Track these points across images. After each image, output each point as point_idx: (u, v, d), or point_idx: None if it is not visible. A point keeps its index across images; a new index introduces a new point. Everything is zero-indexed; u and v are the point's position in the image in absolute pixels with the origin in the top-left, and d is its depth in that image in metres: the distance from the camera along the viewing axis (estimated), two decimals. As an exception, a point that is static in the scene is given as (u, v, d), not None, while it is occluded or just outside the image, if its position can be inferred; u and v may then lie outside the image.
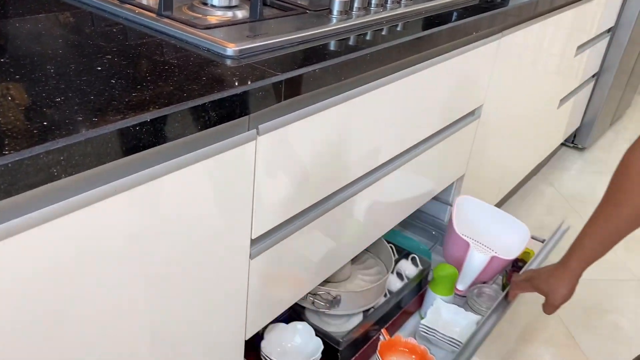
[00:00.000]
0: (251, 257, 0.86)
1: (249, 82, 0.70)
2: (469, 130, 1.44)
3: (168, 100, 0.62)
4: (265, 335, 1.11)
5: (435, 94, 1.19)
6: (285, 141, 0.83)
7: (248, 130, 0.76)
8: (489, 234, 1.49)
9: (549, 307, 1.05)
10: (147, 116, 0.58)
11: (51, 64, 0.68)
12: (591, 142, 2.82)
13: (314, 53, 0.83)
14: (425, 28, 1.03)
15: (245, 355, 0.97)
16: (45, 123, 0.54)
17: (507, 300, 1.20)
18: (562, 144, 2.83)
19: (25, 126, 0.53)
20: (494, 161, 1.75)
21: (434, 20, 1.09)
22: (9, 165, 0.48)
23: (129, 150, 0.58)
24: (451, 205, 1.61)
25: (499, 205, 2.21)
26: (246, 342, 0.96)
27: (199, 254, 0.76)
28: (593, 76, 2.56)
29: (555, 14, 1.69)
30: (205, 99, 0.64)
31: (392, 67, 1.02)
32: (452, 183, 1.56)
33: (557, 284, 1.01)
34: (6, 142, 0.50)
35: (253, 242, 0.86)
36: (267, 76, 0.72)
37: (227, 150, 0.73)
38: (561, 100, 2.17)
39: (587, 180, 2.58)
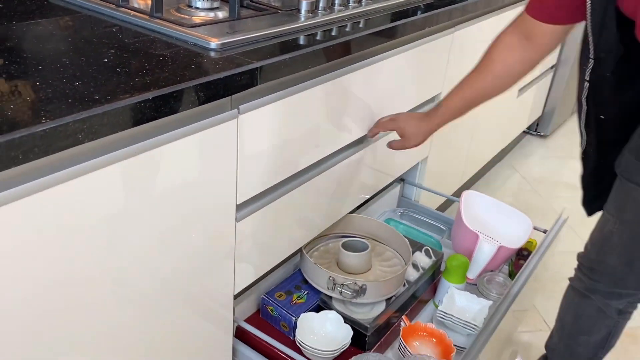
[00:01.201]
0: (237, 220, 1.01)
1: (230, 69, 0.85)
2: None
3: (165, 83, 0.77)
4: (299, 324, 1.21)
5: (396, 81, 1.35)
6: (263, 119, 0.98)
7: (231, 109, 0.91)
8: (494, 226, 1.60)
9: (400, 145, 1.24)
10: (149, 95, 0.73)
11: (66, 58, 0.82)
12: (553, 130, 3.02)
13: (285, 45, 0.99)
14: (383, 23, 1.19)
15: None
16: (69, 100, 0.69)
17: (368, 136, 1.31)
18: (526, 132, 3.02)
19: (53, 103, 0.68)
20: (456, 145, 1.92)
21: (391, 16, 1.25)
22: (47, 130, 0.63)
23: (135, 122, 0.73)
24: (417, 187, 1.77)
25: (465, 187, 2.38)
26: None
27: (191, 215, 0.91)
28: (551, 68, 2.75)
29: (507, 10, 1.86)
30: (195, 82, 0.79)
31: (356, 57, 1.18)
32: (417, 165, 1.73)
33: (417, 131, 1.20)
34: (42, 114, 0.65)
35: (238, 207, 1.01)
36: (245, 64, 0.87)
37: (213, 126, 0.88)
38: (520, 90, 2.35)
39: (550, 166, 2.77)
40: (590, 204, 1.26)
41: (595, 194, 1.23)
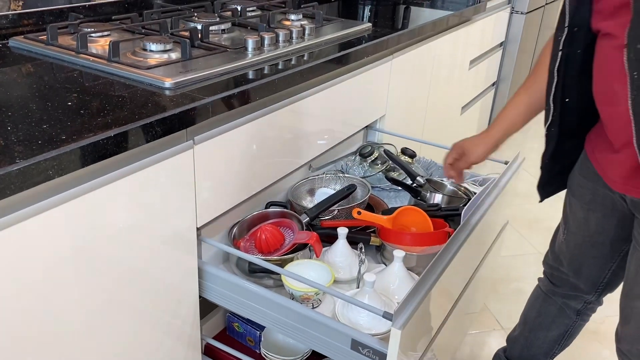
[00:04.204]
0: (198, 242, 1.10)
1: (184, 105, 0.95)
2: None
3: (125, 121, 0.86)
4: (264, 338, 1.31)
5: (342, 106, 1.47)
6: (216, 149, 1.07)
7: (186, 141, 1.00)
8: None
9: (463, 163, 1.26)
10: (111, 132, 0.82)
11: (32, 103, 0.91)
12: (499, 143, 3.19)
13: (234, 81, 1.09)
14: (325, 55, 1.31)
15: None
16: (39, 142, 0.77)
17: (445, 176, 1.37)
18: (475, 147, 3.19)
19: (25, 144, 0.76)
20: (405, 162, 2.04)
21: (334, 48, 1.38)
22: (21, 169, 0.71)
23: (99, 157, 0.82)
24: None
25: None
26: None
27: (156, 237, 1.00)
28: (493, 85, 2.93)
29: (441, 35, 2.02)
30: (152, 119, 0.89)
31: (300, 88, 1.29)
32: (369, 182, 1.84)
33: (478, 145, 1.24)
34: (16, 155, 0.73)
35: (199, 229, 1.09)
36: (197, 100, 0.97)
37: (171, 157, 0.97)
38: (463, 107, 2.51)
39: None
40: (543, 188, 1.26)
41: (548, 177, 1.23)
